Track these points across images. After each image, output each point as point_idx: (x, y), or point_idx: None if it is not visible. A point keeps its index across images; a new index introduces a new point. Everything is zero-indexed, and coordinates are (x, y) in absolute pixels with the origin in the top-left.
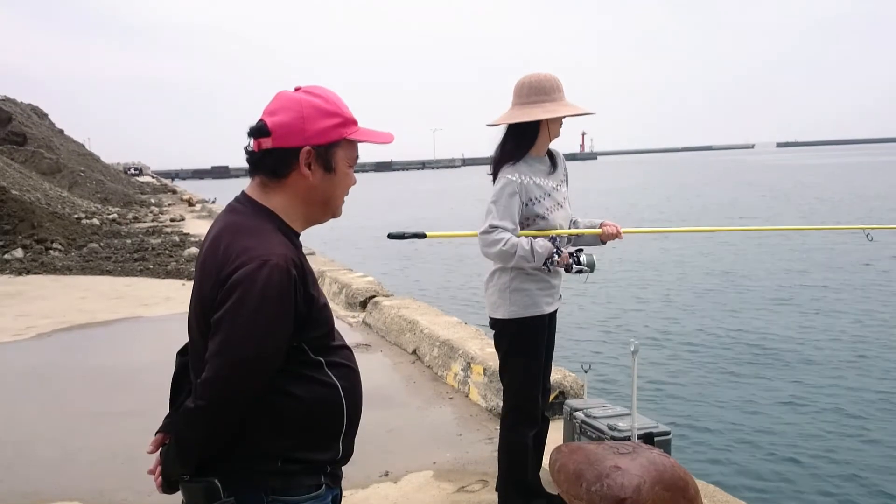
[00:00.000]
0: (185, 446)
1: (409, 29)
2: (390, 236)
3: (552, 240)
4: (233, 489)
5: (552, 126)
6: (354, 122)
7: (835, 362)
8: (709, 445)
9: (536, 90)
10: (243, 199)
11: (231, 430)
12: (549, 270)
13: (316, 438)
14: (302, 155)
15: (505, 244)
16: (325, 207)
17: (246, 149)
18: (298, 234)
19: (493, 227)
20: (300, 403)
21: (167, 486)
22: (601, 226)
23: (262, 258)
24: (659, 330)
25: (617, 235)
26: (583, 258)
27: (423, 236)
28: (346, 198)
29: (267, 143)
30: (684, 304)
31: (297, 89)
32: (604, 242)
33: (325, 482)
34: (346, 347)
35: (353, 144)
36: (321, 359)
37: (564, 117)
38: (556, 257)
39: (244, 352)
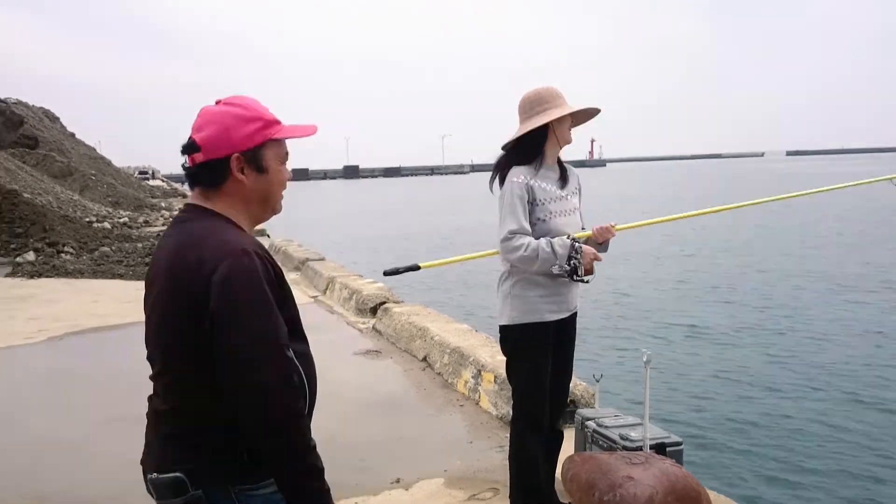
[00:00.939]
0: (298, 446)
1: (419, 35)
2: (386, 273)
3: (568, 236)
4: (200, 483)
5: (559, 132)
6: (277, 122)
7: (853, 375)
8: (721, 456)
9: (539, 101)
10: (191, 208)
11: (301, 403)
12: (577, 272)
13: None
14: (232, 162)
15: (526, 249)
16: (265, 205)
17: (182, 165)
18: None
19: (512, 234)
20: None
21: None
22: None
23: (237, 249)
24: (671, 339)
25: (608, 232)
26: (580, 269)
27: (416, 269)
28: (283, 192)
29: (199, 157)
30: (697, 312)
31: (217, 102)
32: (602, 245)
33: None
34: (302, 334)
35: (280, 143)
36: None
37: (571, 122)
38: (576, 254)
39: (267, 331)
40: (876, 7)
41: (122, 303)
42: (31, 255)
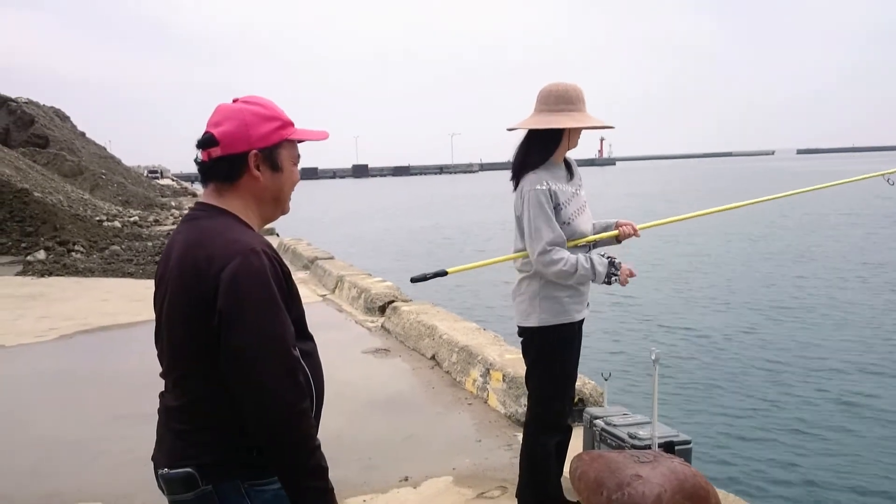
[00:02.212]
0: (302, 445)
1: (426, 31)
2: (413, 280)
3: (605, 255)
4: (210, 478)
5: (573, 136)
6: (292, 124)
7: (862, 375)
8: (730, 455)
9: (564, 99)
10: (203, 206)
11: (309, 395)
12: (610, 283)
13: None
14: (250, 158)
15: (566, 264)
16: (276, 204)
17: (195, 160)
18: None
19: (551, 247)
20: None
21: None
22: (616, 226)
23: (246, 248)
24: (680, 337)
25: (634, 234)
26: (617, 262)
27: (444, 274)
28: (293, 193)
29: (216, 151)
30: (706, 310)
31: (235, 101)
32: (619, 241)
33: None
34: (309, 335)
35: (294, 144)
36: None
37: (587, 129)
38: (616, 272)
39: (273, 331)
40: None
41: (131, 301)
42: (41, 254)
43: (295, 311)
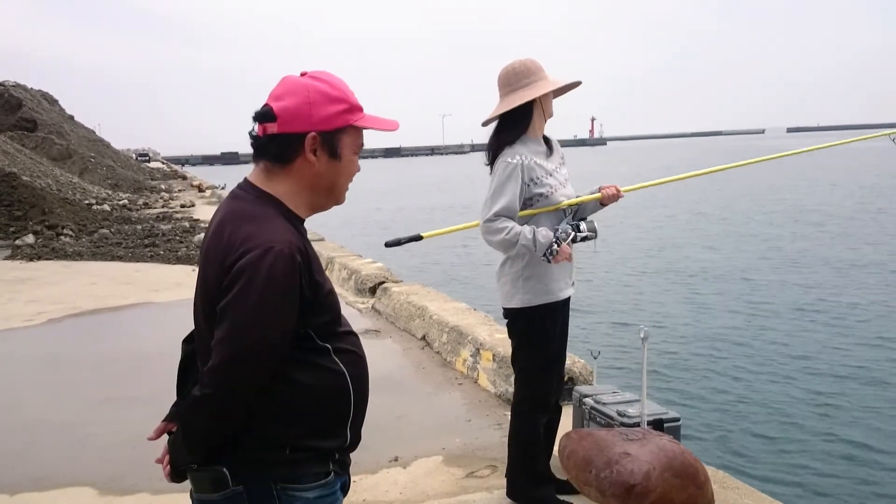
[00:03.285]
0: (192, 434)
1: (417, 11)
2: (387, 245)
3: (555, 231)
4: (241, 478)
5: (545, 105)
6: (360, 109)
7: (850, 351)
8: (719, 432)
9: (523, 74)
10: (246, 185)
11: (237, 419)
12: (549, 261)
13: (323, 426)
14: (307, 141)
15: (508, 233)
16: (330, 194)
17: (251, 133)
18: (303, 221)
19: (497, 216)
20: (307, 391)
21: (175, 475)
22: (599, 190)
23: (266, 245)
24: (669, 315)
25: (617, 195)
26: (583, 226)
27: (419, 238)
28: (350, 184)
29: (272, 128)
30: (695, 289)
31: (303, 74)
32: (604, 205)
33: (333, 469)
34: (352, 334)
35: (358, 131)
36: (328, 345)
37: (558, 93)
38: (555, 246)
39: (250, 339)
40: None
41: (120, 284)
42: (30, 238)
43: (321, 315)
